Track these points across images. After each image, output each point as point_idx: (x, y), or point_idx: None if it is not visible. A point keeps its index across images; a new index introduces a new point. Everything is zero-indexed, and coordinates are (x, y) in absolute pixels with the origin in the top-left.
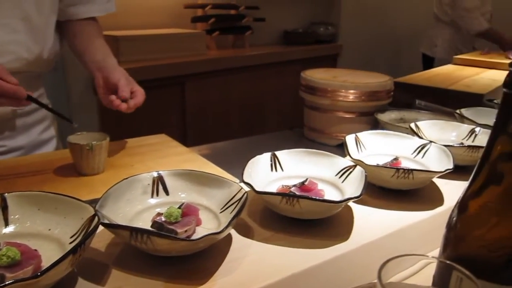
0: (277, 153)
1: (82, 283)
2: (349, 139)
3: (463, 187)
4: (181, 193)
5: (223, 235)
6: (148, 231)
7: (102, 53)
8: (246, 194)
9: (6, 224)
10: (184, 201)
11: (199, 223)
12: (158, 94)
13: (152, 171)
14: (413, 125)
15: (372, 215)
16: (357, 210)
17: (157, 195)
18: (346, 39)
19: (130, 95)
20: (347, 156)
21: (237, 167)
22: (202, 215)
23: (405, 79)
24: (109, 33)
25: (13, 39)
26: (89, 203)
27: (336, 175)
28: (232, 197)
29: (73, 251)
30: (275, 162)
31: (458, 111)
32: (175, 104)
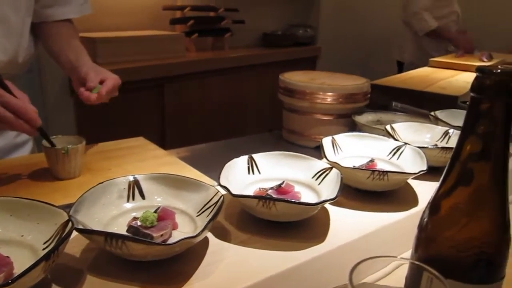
0: (254, 156)
1: None
2: (326, 142)
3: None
4: (157, 197)
5: (199, 239)
6: (123, 236)
7: (75, 54)
8: (222, 197)
9: None
10: (160, 205)
11: (175, 227)
12: (136, 96)
13: (129, 175)
14: (388, 127)
15: (348, 217)
16: (334, 211)
17: (133, 199)
18: (325, 42)
19: (98, 84)
20: (323, 158)
21: (216, 169)
22: (178, 219)
23: (382, 82)
24: (86, 34)
25: None
26: (65, 207)
27: (312, 178)
28: (208, 200)
29: (45, 258)
30: (252, 165)
31: (432, 113)
32: (154, 106)
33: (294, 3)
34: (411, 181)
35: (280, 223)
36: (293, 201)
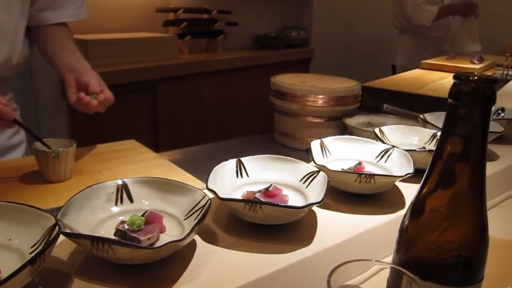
0: (243, 159)
1: None
2: (314, 145)
3: None
4: (145, 201)
5: (186, 242)
6: (109, 239)
7: (75, 57)
8: (209, 201)
9: None
10: (148, 209)
11: (163, 231)
12: (129, 99)
13: (118, 178)
14: (377, 130)
15: (335, 219)
16: (321, 214)
17: (121, 202)
18: (318, 43)
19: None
20: (312, 161)
21: (207, 172)
22: (166, 222)
23: (374, 84)
24: (79, 36)
25: None
26: (55, 210)
27: (300, 181)
28: (196, 204)
29: (32, 261)
30: (240, 168)
31: (421, 116)
32: (147, 109)
33: (287, 5)
34: (399, 184)
35: (267, 226)
36: (280, 204)
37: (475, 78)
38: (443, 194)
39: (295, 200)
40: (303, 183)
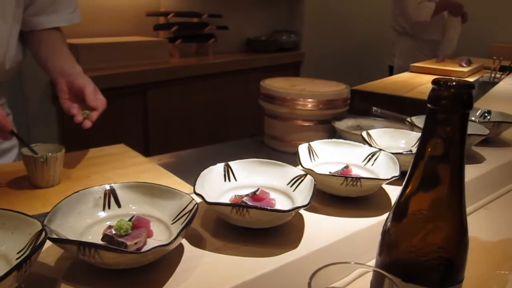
0: (231, 163)
1: None
2: (302, 149)
3: None
4: (133, 205)
5: (172, 246)
6: (95, 245)
7: (69, 61)
8: (196, 205)
9: None
10: (135, 213)
11: (150, 235)
12: (120, 103)
13: (107, 183)
14: (364, 134)
15: (322, 222)
16: (308, 217)
17: (109, 207)
18: (308, 47)
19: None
20: (299, 165)
21: (197, 176)
22: (153, 226)
23: (363, 87)
24: (69, 40)
25: None
26: (43, 216)
27: (287, 184)
28: (183, 208)
29: (17, 267)
30: (228, 172)
31: (408, 119)
32: (138, 113)
33: (277, 8)
34: (386, 187)
35: (255, 229)
36: (266, 208)
37: (453, 83)
38: (423, 196)
39: (282, 203)
40: (290, 186)
